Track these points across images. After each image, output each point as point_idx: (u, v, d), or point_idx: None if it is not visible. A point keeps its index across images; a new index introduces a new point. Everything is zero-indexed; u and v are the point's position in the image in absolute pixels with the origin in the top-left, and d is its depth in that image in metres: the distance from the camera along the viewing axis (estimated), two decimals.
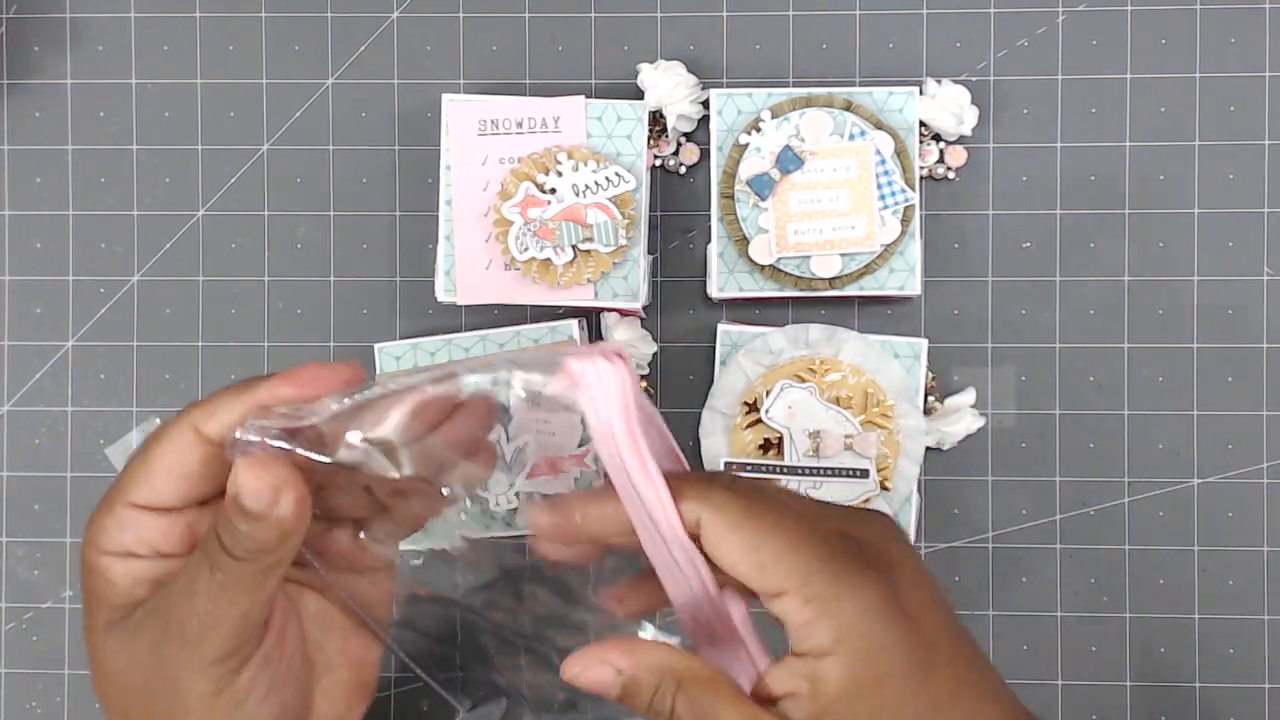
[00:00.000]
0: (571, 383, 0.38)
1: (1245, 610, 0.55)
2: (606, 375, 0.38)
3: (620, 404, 0.38)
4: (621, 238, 0.53)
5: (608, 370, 0.38)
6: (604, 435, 0.38)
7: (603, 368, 0.38)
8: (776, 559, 0.37)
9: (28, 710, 0.57)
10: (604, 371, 0.38)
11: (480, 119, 0.54)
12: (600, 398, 0.38)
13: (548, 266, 0.53)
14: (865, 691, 0.36)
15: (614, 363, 0.38)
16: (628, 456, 0.38)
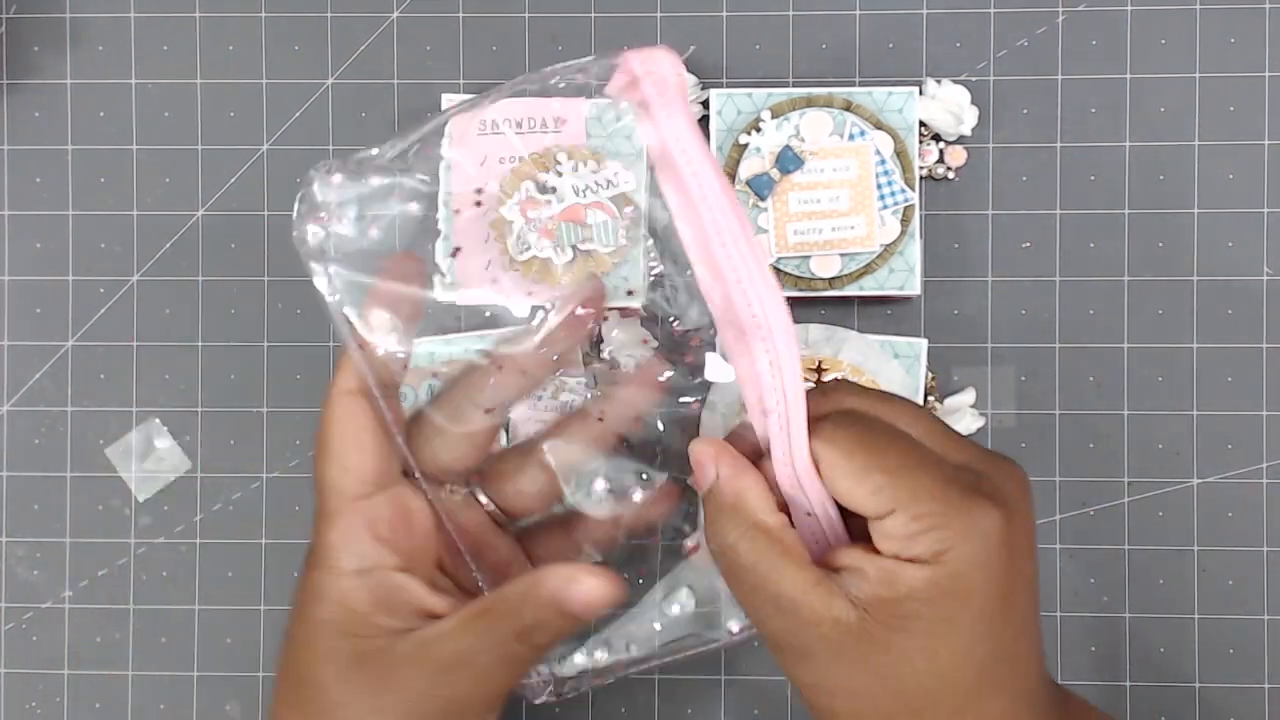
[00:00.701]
0: (631, 79, 0.38)
1: (1245, 610, 0.55)
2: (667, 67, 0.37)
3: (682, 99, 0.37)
4: (621, 238, 0.53)
5: (667, 62, 0.37)
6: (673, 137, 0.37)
7: (662, 60, 0.37)
8: (889, 481, 0.37)
9: (28, 710, 0.57)
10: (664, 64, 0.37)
11: (480, 119, 0.54)
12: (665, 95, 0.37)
13: (548, 266, 0.53)
14: (944, 603, 0.37)
15: (672, 55, 0.37)
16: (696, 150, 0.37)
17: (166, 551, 0.57)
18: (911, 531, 0.36)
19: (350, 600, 0.40)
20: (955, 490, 0.37)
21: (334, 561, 0.40)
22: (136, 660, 0.57)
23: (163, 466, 0.57)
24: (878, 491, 0.37)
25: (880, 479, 0.37)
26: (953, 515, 0.36)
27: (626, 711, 0.56)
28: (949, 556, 0.36)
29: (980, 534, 0.37)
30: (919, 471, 0.37)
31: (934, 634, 0.37)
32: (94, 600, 0.57)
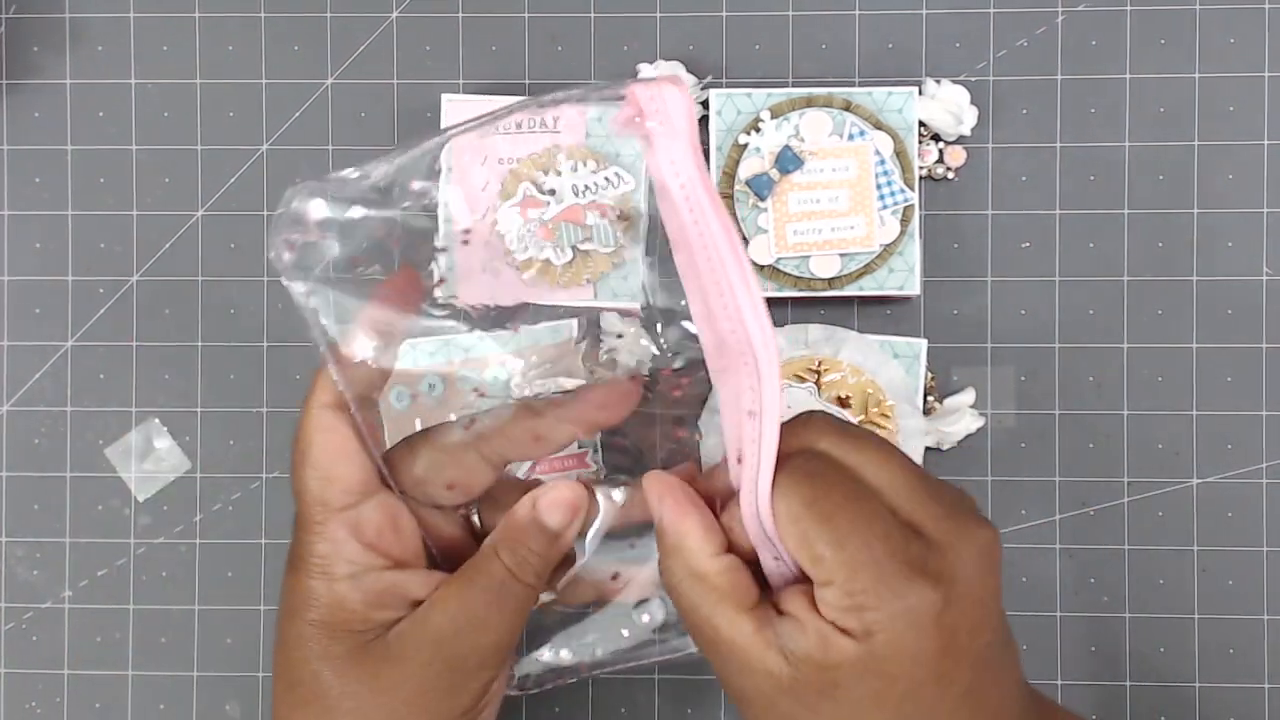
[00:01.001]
0: (636, 113, 0.37)
1: (1245, 610, 0.55)
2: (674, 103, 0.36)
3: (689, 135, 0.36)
4: (621, 238, 0.53)
5: (675, 98, 0.36)
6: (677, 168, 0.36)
7: (670, 95, 0.36)
8: (830, 554, 0.36)
9: (28, 710, 0.57)
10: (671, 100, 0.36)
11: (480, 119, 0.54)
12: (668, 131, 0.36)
13: (547, 266, 0.53)
14: (869, 680, 0.36)
15: (682, 89, 0.36)
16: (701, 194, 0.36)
17: (166, 551, 0.57)
18: (844, 606, 0.36)
19: (345, 603, 0.40)
20: (896, 567, 0.36)
21: (325, 568, 0.40)
22: (136, 660, 0.57)
23: (162, 467, 0.57)
24: (818, 561, 0.36)
25: (821, 549, 0.36)
26: (886, 597, 0.36)
27: (626, 712, 0.56)
28: (878, 639, 0.36)
29: (912, 619, 0.36)
30: (863, 545, 0.36)
31: (860, 708, 0.37)
32: (94, 600, 0.57)
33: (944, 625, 0.36)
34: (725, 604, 0.38)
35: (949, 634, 0.36)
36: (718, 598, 0.38)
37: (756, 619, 0.38)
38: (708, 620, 0.38)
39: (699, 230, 0.36)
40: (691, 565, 0.38)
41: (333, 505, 0.41)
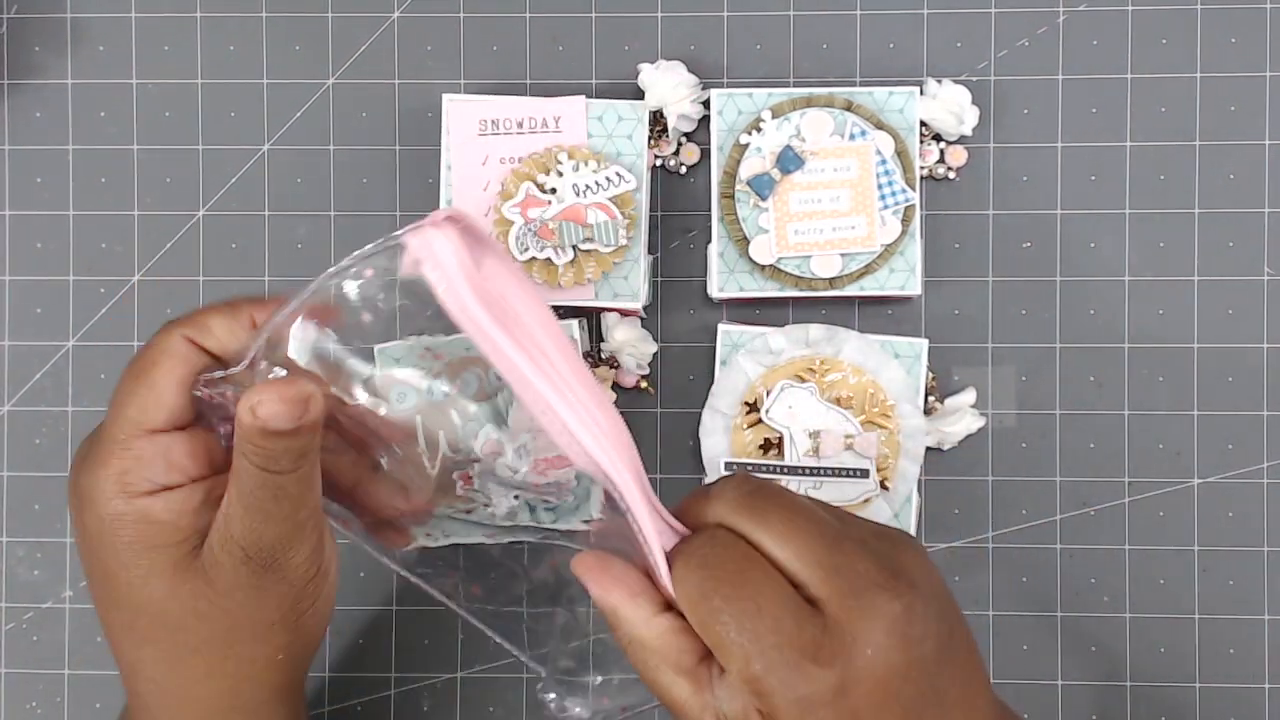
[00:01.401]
0: (415, 260, 0.38)
1: (1245, 610, 0.55)
2: (440, 247, 0.37)
3: (458, 273, 0.37)
4: (622, 238, 0.53)
5: (439, 240, 0.37)
6: (454, 308, 0.38)
7: (433, 238, 0.37)
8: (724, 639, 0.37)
9: (28, 710, 0.57)
10: (436, 243, 0.37)
11: (480, 119, 0.54)
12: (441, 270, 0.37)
13: (548, 266, 0.53)
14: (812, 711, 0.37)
15: (443, 229, 0.37)
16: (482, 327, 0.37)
17: None
18: (740, 690, 0.37)
19: (151, 514, 0.40)
20: (786, 656, 0.37)
21: (125, 486, 0.40)
22: None
23: None
24: (717, 648, 0.37)
25: (716, 635, 0.37)
26: (778, 686, 0.36)
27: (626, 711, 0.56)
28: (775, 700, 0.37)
29: (806, 706, 0.36)
30: (754, 636, 0.37)
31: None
32: None
33: (842, 709, 0.37)
34: (664, 666, 0.39)
35: (848, 710, 0.37)
36: (657, 660, 0.39)
37: (695, 680, 0.39)
38: (653, 680, 0.40)
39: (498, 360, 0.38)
40: (629, 632, 0.40)
41: (147, 425, 0.40)
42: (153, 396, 0.40)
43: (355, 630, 0.57)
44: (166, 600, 0.41)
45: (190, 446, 0.41)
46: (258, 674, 0.43)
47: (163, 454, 0.40)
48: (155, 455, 0.40)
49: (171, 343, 0.41)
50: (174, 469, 0.40)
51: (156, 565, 0.40)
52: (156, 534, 0.40)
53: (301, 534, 0.41)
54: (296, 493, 0.41)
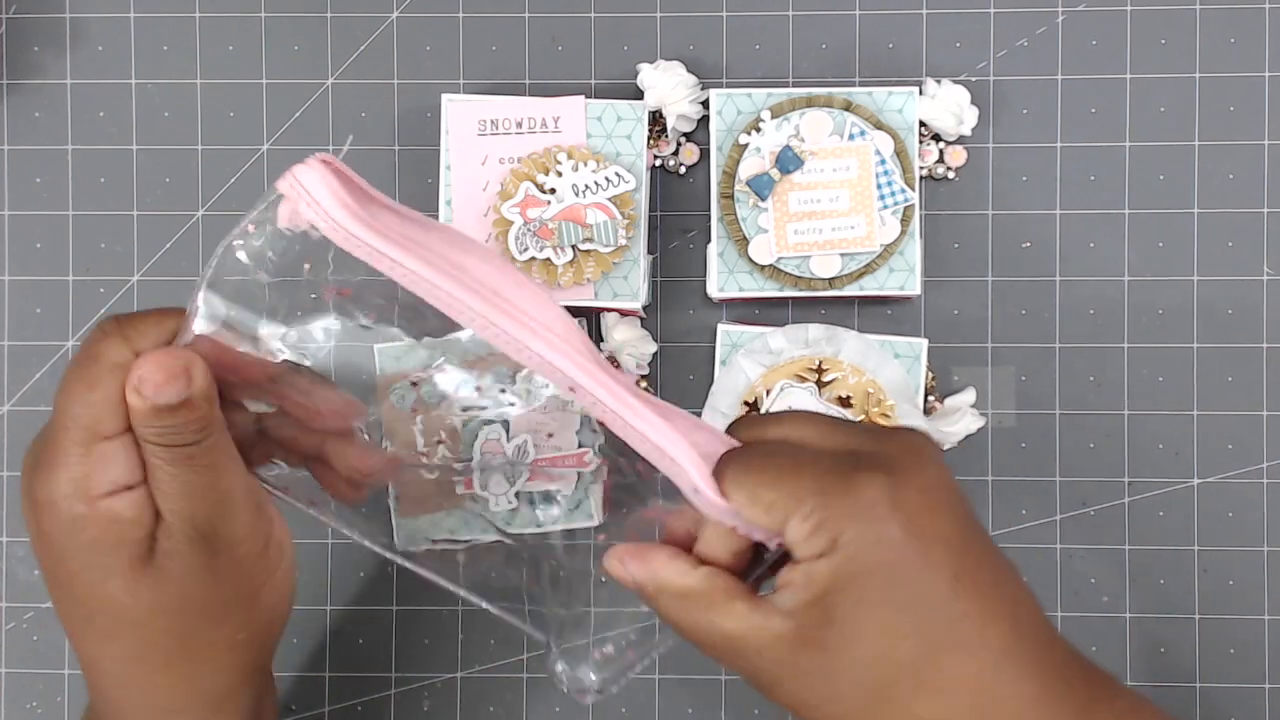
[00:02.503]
0: (292, 206, 0.39)
1: (1245, 610, 0.55)
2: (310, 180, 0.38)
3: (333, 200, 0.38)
4: (621, 238, 0.53)
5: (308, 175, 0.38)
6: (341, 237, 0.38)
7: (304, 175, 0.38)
8: (775, 496, 0.38)
9: (28, 710, 0.57)
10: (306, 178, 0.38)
11: (480, 119, 0.54)
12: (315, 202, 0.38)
13: (548, 266, 0.53)
14: (854, 583, 0.38)
15: (310, 165, 0.39)
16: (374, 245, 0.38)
17: None
18: (805, 533, 0.38)
19: (121, 514, 0.40)
20: (833, 479, 0.38)
21: (83, 492, 0.40)
22: None
23: None
24: (770, 508, 0.38)
25: (768, 495, 0.38)
26: (833, 502, 0.38)
27: (627, 712, 0.56)
28: (841, 541, 0.38)
29: (863, 511, 0.38)
30: (798, 476, 0.39)
31: (857, 618, 0.38)
32: None
33: (897, 507, 0.38)
34: (716, 600, 0.40)
35: (905, 515, 0.38)
36: (708, 600, 0.40)
37: (748, 599, 0.39)
38: (709, 624, 0.40)
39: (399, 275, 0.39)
40: (676, 589, 0.40)
41: (103, 433, 0.40)
42: (106, 405, 0.40)
43: (355, 630, 0.57)
44: (125, 596, 0.41)
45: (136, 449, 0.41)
46: (218, 657, 0.43)
47: (120, 456, 0.40)
48: (113, 458, 0.40)
49: (116, 352, 0.40)
50: (133, 468, 0.40)
51: (117, 564, 0.40)
52: (121, 532, 0.40)
53: (233, 505, 0.41)
54: (210, 462, 0.40)
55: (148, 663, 0.42)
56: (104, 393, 0.40)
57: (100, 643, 0.42)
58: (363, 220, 0.39)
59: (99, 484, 0.40)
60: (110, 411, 0.40)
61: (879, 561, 0.38)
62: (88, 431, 0.40)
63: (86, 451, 0.40)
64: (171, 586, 0.41)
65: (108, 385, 0.40)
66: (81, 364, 0.40)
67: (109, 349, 0.40)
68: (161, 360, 0.39)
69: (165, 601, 0.41)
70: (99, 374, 0.40)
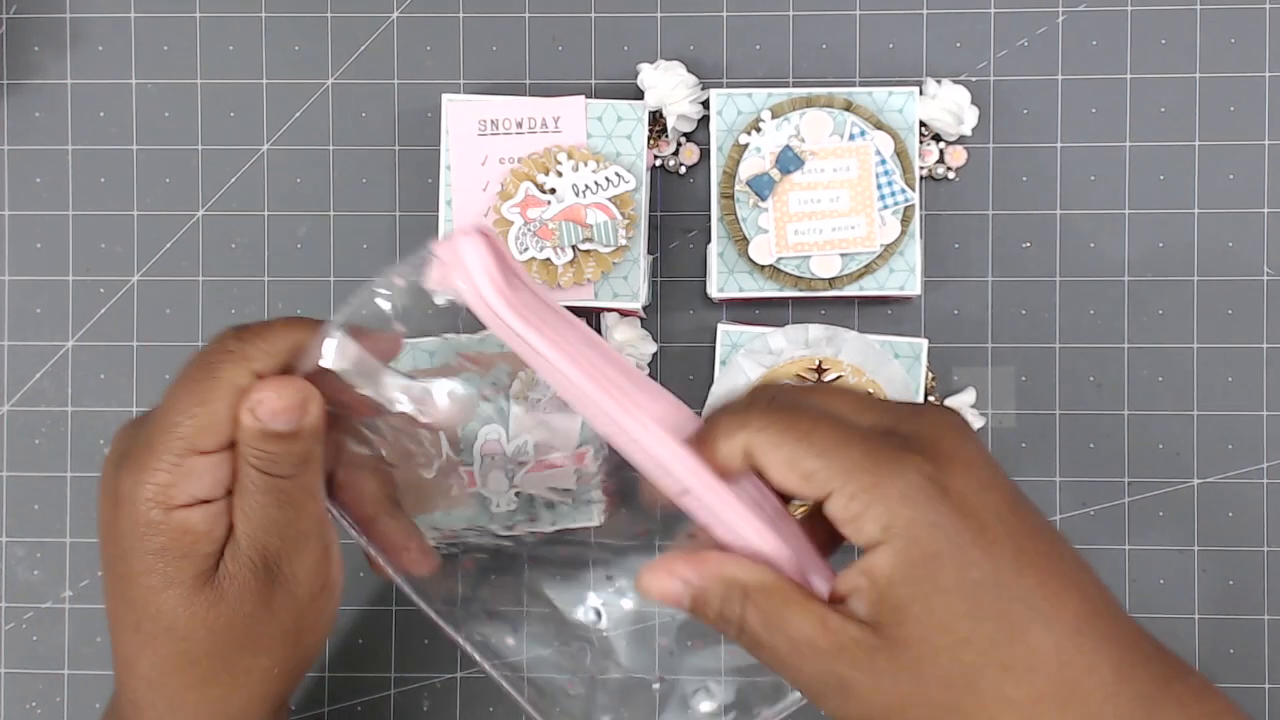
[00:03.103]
0: (445, 271, 0.39)
1: (1245, 610, 0.55)
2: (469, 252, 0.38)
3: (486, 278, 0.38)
4: (621, 238, 0.53)
5: (468, 246, 0.39)
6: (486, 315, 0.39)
7: (464, 245, 0.39)
8: (819, 465, 0.37)
9: (28, 710, 0.57)
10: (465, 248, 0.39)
11: (480, 119, 0.54)
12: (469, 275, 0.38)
13: (547, 267, 0.53)
14: (919, 572, 0.36)
15: (471, 237, 0.39)
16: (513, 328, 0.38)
17: None
18: (854, 513, 0.37)
19: (193, 527, 0.40)
20: (882, 457, 0.37)
21: (164, 499, 0.40)
22: None
23: None
24: (810, 478, 0.37)
25: (810, 464, 0.37)
26: (884, 484, 0.36)
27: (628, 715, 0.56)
28: (896, 528, 0.36)
29: (914, 494, 0.36)
30: (845, 449, 0.37)
31: (934, 607, 0.37)
32: (94, 600, 0.57)
33: (948, 489, 0.37)
34: (791, 597, 0.38)
35: (958, 496, 0.37)
36: (781, 597, 0.38)
37: (820, 607, 0.38)
38: (782, 623, 0.38)
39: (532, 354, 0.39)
40: (745, 583, 0.39)
41: (200, 448, 0.40)
42: (211, 423, 0.40)
43: (355, 630, 0.57)
44: (179, 609, 0.41)
45: (233, 464, 0.41)
46: (251, 685, 0.43)
47: (209, 471, 0.40)
48: (202, 472, 0.40)
49: (234, 374, 0.41)
50: (217, 485, 0.41)
51: (179, 575, 0.41)
52: (190, 544, 0.40)
53: (305, 544, 0.42)
54: (298, 499, 0.41)
55: (183, 677, 0.42)
56: (212, 411, 0.40)
57: (142, 647, 0.42)
58: (510, 303, 0.39)
59: (181, 495, 0.40)
60: (214, 429, 0.40)
61: (940, 546, 0.36)
62: (186, 444, 0.40)
63: (179, 462, 0.40)
64: (225, 608, 0.41)
65: (217, 404, 0.40)
66: (196, 377, 0.41)
67: (227, 369, 0.40)
68: (284, 389, 0.40)
69: (215, 621, 0.41)
70: (212, 391, 0.40)
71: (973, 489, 0.37)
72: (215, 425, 0.40)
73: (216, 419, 0.40)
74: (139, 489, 0.40)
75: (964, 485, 0.37)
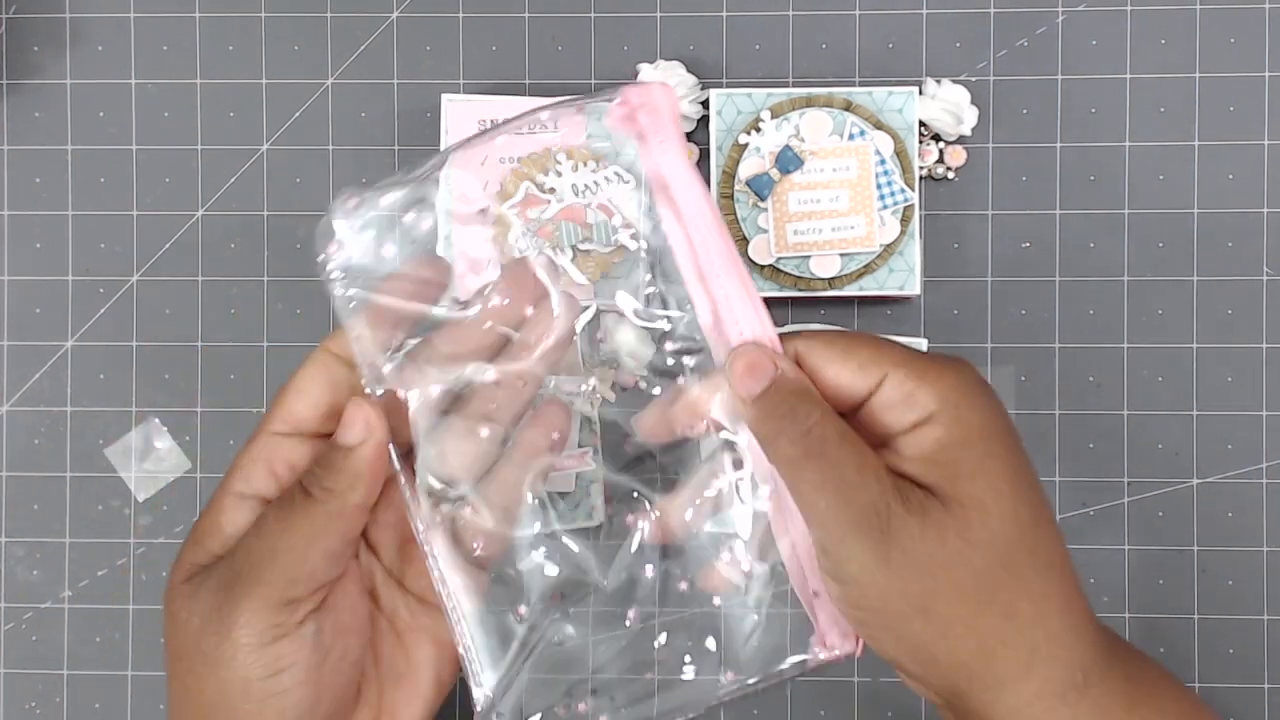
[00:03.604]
0: (627, 112, 0.41)
1: (1245, 610, 0.55)
2: (662, 102, 0.41)
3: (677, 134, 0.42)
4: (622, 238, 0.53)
5: (661, 95, 0.41)
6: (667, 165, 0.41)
7: (658, 94, 0.41)
8: (871, 357, 0.39)
9: (28, 710, 0.57)
10: (659, 97, 0.41)
11: (480, 119, 0.54)
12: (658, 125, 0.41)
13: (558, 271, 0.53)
14: (974, 437, 0.38)
15: (668, 90, 0.41)
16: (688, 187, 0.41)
17: (166, 551, 0.57)
18: (908, 390, 0.39)
19: (220, 516, 0.41)
20: (924, 357, 0.39)
21: (228, 480, 0.41)
22: (136, 660, 0.57)
23: (162, 466, 0.57)
24: (863, 366, 0.39)
25: (863, 354, 0.39)
26: (935, 370, 0.39)
27: None
28: (951, 400, 0.38)
29: (964, 381, 0.39)
30: (892, 349, 0.39)
31: (986, 468, 0.38)
32: (94, 600, 0.57)
33: (987, 391, 0.39)
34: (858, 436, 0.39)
35: (995, 403, 0.39)
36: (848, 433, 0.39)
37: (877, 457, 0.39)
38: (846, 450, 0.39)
39: (689, 209, 0.42)
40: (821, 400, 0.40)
41: (268, 427, 0.42)
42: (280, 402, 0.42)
43: None
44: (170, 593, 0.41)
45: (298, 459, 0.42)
46: None
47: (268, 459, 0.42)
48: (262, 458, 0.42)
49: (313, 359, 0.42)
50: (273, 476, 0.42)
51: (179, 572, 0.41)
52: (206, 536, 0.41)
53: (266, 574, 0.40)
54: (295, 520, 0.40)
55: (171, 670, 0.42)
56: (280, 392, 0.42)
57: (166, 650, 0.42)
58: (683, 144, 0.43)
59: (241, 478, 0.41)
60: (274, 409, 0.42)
61: (989, 424, 0.39)
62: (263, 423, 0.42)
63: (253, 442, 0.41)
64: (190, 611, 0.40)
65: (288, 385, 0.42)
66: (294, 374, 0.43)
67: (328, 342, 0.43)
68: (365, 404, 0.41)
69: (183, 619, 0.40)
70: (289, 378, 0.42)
71: (1003, 411, 0.40)
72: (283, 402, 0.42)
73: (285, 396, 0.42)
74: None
75: (996, 405, 0.40)
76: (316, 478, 0.41)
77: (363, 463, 0.41)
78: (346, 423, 0.41)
